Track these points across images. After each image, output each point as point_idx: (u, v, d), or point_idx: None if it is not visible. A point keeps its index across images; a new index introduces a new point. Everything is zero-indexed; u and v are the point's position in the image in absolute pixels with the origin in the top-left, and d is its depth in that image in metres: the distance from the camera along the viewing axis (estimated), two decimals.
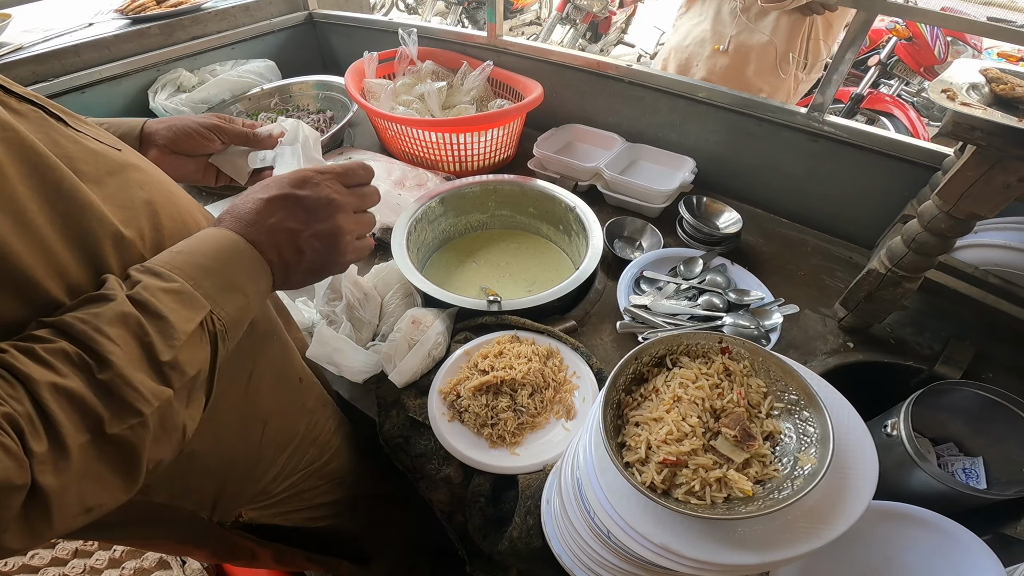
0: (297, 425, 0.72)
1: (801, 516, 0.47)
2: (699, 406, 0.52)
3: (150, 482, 0.44)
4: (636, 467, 0.51)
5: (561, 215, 1.09)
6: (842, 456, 0.51)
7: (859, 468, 0.51)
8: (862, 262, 1.05)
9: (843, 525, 0.47)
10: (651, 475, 0.49)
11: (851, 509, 0.48)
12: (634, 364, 0.56)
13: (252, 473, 0.66)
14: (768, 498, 0.47)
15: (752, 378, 0.56)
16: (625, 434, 0.53)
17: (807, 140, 1.06)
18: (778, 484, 0.48)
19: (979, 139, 0.61)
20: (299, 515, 0.79)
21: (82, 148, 0.43)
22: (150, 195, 0.47)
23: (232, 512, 0.67)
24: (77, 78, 1.24)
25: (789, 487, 0.47)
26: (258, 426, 0.64)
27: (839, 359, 0.87)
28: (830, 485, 0.50)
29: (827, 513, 0.48)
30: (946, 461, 0.80)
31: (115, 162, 0.45)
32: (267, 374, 0.63)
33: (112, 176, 0.44)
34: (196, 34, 1.44)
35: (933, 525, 0.61)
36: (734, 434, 0.50)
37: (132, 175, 0.47)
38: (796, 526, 0.47)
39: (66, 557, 1.00)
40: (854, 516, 0.47)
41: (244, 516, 0.68)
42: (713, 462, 0.49)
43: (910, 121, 2.51)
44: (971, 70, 0.69)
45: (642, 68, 1.23)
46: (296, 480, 0.74)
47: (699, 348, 0.57)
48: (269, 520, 0.73)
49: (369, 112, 1.23)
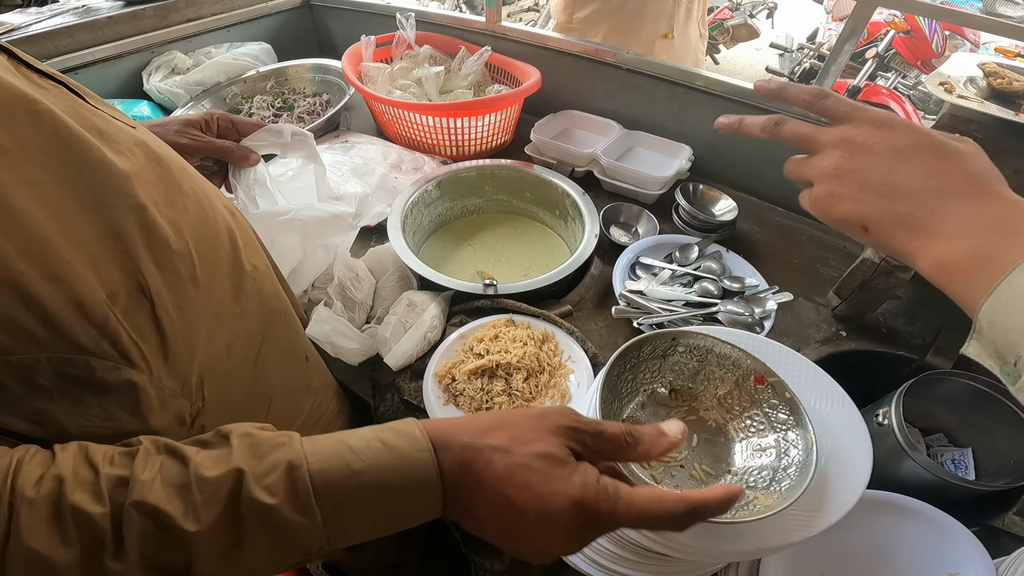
0: (302, 404, 0.73)
1: (794, 506, 0.48)
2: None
3: None
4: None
5: (558, 200, 1.09)
6: (836, 445, 0.52)
7: (853, 457, 0.52)
8: (856, 251, 1.06)
9: (836, 514, 0.48)
10: (651, 474, 0.50)
11: (844, 498, 0.49)
12: (634, 356, 0.56)
13: None
14: (763, 489, 0.48)
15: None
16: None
17: None
18: (773, 476, 0.49)
19: (975, 132, 0.61)
20: None
21: (105, 121, 0.43)
22: (165, 170, 0.47)
23: None
24: (70, 59, 1.22)
25: (787, 478, 0.48)
26: (263, 403, 0.65)
27: (832, 347, 0.88)
28: (823, 473, 0.50)
29: (820, 502, 0.49)
30: (936, 451, 0.81)
31: (133, 138, 0.46)
32: (275, 351, 0.64)
33: (131, 151, 0.44)
34: (191, 16, 1.42)
35: (922, 515, 0.61)
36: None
37: (150, 150, 0.47)
38: (790, 514, 0.48)
39: None
40: (847, 506, 0.48)
41: None
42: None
43: (906, 114, 2.52)
44: (969, 64, 0.70)
45: (640, 56, 1.23)
46: None
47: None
48: None
49: (366, 96, 1.23)
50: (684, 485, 0.52)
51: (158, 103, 1.36)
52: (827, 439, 0.52)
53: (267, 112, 1.39)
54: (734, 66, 4.75)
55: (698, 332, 0.56)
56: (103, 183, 0.39)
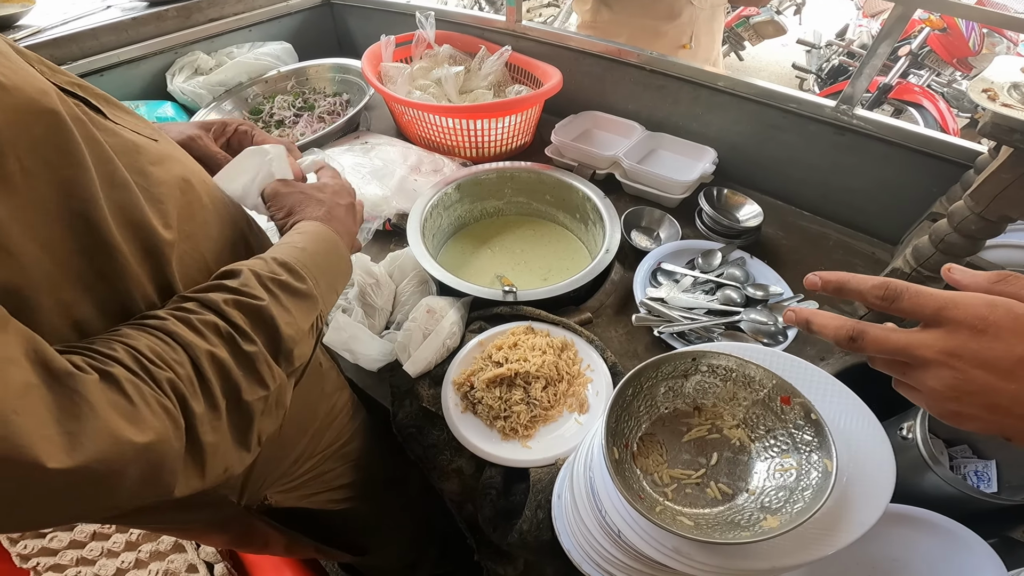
0: (317, 409, 0.74)
1: (812, 523, 0.46)
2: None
3: None
4: (651, 476, 0.50)
5: (578, 203, 1.07)
6: (859, 465, 0.50)
7: (875, 478, 0.50)
8: (885, 258, 1.03)
9: (855, 533, 0.46)
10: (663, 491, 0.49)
11: (863, 518, 0.47)
12: (651, 377, 0.54)
13: (275, 456, 0.68)
14: (775, 511, 0.47)
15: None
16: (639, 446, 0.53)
17: (834, 133, 1.03)
18: (789, 497, 0.48)
19: (1018, 141, 0.59)
20: (321, 497, 0.81)
21: (121, 140, 0.42)
22: (188, 184, 0.48)
23: (259, 495, 0.69)
24: (95, 61, 1.24)
25: (801, 500, 0.46)
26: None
27: (857, 357, 0.85)
28: (844, 493, 0.49)
29: (839, 520, 0.47)
30: (959, 463, 0.79)
31: (154, 153, 0.45)
32: None
33: (155, 166, 0.44)
34: (213, 16, 1.43)
35: (940, 528, 0.60)
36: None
37: (171, 166, 0.47)
38: (807, 533, 0.46)
39: (84, 540, 1.02)
40: (865, 526, 0.47)
41: (270, 499, 0.70)
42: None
43: (939, 112, 2.44)
44: (1013, 68, 0.67)
45: (663, 56, 1.20)
46: (315, 463, 0.76)
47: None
48: (294, 503, 0.75)
49: (386, 96, 1.22)
50: (699, 503, 0.51)
51: (181, 104, 1.37)
52: (850, 459, 0.51)
53: (288, 112, 1.40)
54: (760, 63, 4.66)
55: (720, 352, 0.54)
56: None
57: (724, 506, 0.50)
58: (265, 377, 0.41)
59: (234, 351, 0.39)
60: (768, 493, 0.50)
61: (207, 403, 0.37)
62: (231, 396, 0.39)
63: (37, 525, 0.32)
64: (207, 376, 0.37)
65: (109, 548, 0.99)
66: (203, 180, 0.51)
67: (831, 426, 0.49)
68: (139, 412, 0.33)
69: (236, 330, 0.40)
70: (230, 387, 0.39)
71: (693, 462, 0.54)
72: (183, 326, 0.38)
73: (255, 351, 0.40)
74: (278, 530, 0.76)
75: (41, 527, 0.33)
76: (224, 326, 0.40)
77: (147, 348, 0.36)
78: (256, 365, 0.41)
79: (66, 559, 0.99)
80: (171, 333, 0.37)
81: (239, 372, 0.39)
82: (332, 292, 0.51)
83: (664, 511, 0.49)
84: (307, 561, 1.01)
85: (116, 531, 1.02)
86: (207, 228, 0.48)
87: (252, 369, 0.40)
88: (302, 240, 0.52)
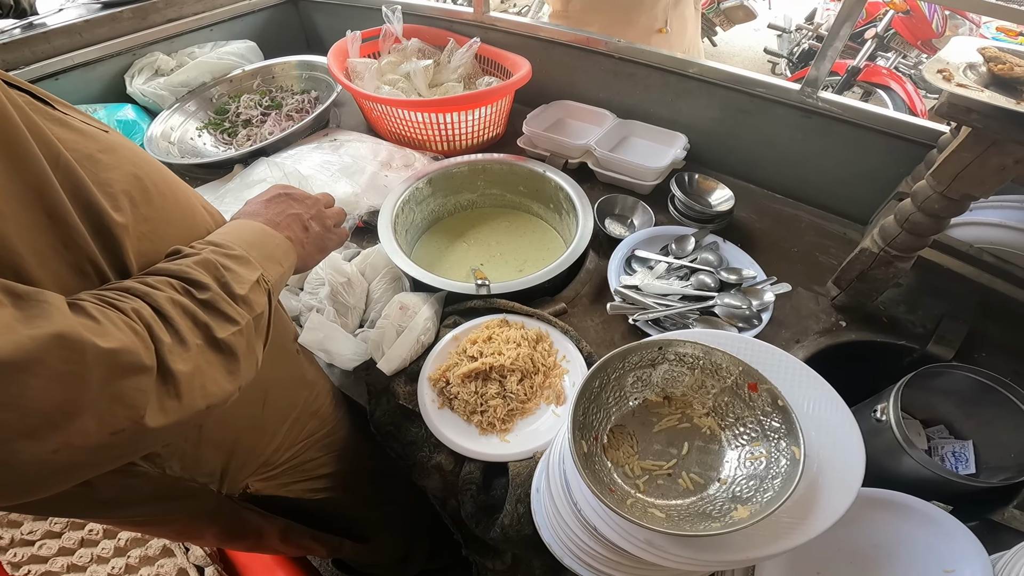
0: (296, 397, 0.74)
1: (784, 512, 0.46)
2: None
3: (163, 453, 0.55)
4: (623, 468, 0.50)
5: (551, 194, 1.07)
6: (829, 452, 0.51)
7: (845, 464, 0.50)
8: (856, 238, 1.04)
9: (827, 521, 0.47)
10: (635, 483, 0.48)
11: (836, 504, 0.48)
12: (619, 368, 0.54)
13: (256, 444, 0.68)
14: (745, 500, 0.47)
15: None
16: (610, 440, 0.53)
17: (800, 116, 1.04)
18: (759, 485, 0.48)
19: (975, 121, 0.59)
20: (300, 486, 0.80)
21: (68, 129, 0.43)
22: (141, 171, 0.48)
23: (239, 484, 0.69)
24: (49, 65, 1.20)
25: (771, 488, 0.46)
26: (259, 397, 0.66)
27: (831, 339, 0.86)
28: (816, 480, 0.49)
29: (811, 509, 0.48)
30: (936, 444, 0.80)
31: (104, 142, 0.46)
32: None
33: (105, 154, 0.45)
34: (171, 16, 1.39)
35: (920, 513, 0.61)
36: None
37: (123, 153, 0.47)
38: (781, 522, 0.47)
39: (73, 547, 1.00)
40: (839, 512, 0.47)
41: (251, 488, 0.70)
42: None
43: (907, 94, 2.48)
44: (969, 49, 0.67)
45: (632, 44, 1.20)
46: (297, 451, 0.76)
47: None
48: (274, 491, 0.75)
49: (354, 93, 1.20)
50: (671, 494, 0.51)
51: (143, 106, 1.34)
52: (819, 446, 0.51)
53: (255, 111, 1.37)
54: (733, 48, 4.68)
55: (686, 340, 0.54)
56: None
57: (696, 496, 0.50)
58: (231, 314, 0.44)
59: (192, 299, 0.42)
60: (739, 482, 0.50)
61: (173, 337, 0.39)
62: (205, 335, 0.42)
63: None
64: (170, 315, 0.40)
65: (99, 554, 0.99)
66: (159, 169, 0.52)
67: (799, 412, 0.49)
68: (104, 327, 0.35)
69: (188, 282, 0.43)
70: (197, 326, 0.42)
71: (664, 453, 0.54)
72: (139, 285, 0.41)
73: (211, 295, 0.44)
74: (269, 520, 0.76)
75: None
76: (177, 282, 0.43)
77: (110, 294, 0.39)
78: (217, 306, 0.44)
79: (57, 566, 0.99)
80: (128, 288, 0.40)
81: (204, 314, 0.42)
82: (271, 261, 0.54)
83: (635, 504, 0.49)
84: (299, 562, 1.00)
85: (104, 536, 1.01)
86: (165, 213, 0.49)
87: (215, 310, 0.43)
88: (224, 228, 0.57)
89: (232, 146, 1.30)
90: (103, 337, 0.34)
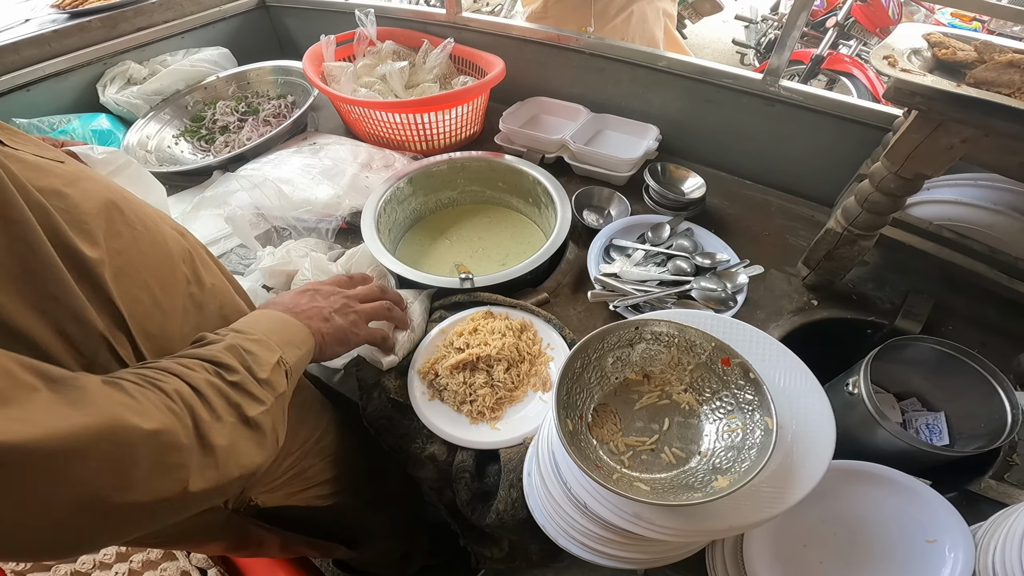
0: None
1: (764, 482, 0.49)
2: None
3: None
4: (608, 445, 0.52)
5: (530, 188, 1.09)
6: (802, 422, 0.53)
7: (818, 433, 0.53)
8: (823, 220, 1.08)
9: (805, 488, 0.49)
10: (620, 458, 0.51)
11: (811, 473, 0.50)
12: (598, 348, 0.56)
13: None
14: (725, 471, 0.50)
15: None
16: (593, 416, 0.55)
17: (764, 104, 1.08)
18: (737, 456, 0.51)
19: (920, 104, 0.62)
20: (307, 494, 0.82)
21: (27, 166, 0.41)
22: (110, 198, 0.47)
23: (244, 497, 0.70)
24: (19, 76, 1.19)
25: (747, 458, 0.49)
26: None
27: (804, 317, 0.90)
28: (791, 450, 0.52)
29: (789, 477, 0.50)
30: (911, 416, 0.82)
31: (65, 175, 0.44)
32: None
33: (70, 187, 0.43)
34: (141, 25, 1.39)
35: (901, 485, 0.62)
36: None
37: (87, 185, 0.46)
38: (761, 491, 0.49)
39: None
40: (815, 479, 0.50)
41: (256, 500, 0.72)
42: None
43: (869, 80, 2.56)
44: (914, 35, 0.71)
45: (601, 40, 1.23)
46: (295, 459, 0.77)
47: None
48: (280, 502, 0.77)
49: (331, 96, 1.21)
50: (655, 468, 0.53)
51: (117, 115, 1.33)
52: (792, 416, 0.54)
53: (232, 118, 1.37)
54: (703, 40, 4.76)
55: (660, 319, 0.57)
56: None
57: (678, 470, 0.53)
58: (258, 394, 0.48)
59: (224, 381, 0.46)
60: (718, 454, 0.53)
61: (211, 415, 0.42)
62: (238, 414, 0.45)
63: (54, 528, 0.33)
64: (207, 396, 0.43)
65: (101, 560, 0.99)
66: (124, 196, 0.51)
67: (772, 385, 0.52)
68: (143, 407, 0.37)
69: (219, 365, 0.46)
70: (231, 405, 0.45)
71: (647, 429, 0.57)
72: (177, 366, 0.44)
73: (240, 378, 0.47)
74: (271, 531, 0.77)
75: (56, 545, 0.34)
76: (210, 365, 0.46)
77: (151, 372, 0.41)
78: (246, 387, 0.47)
79: (60, 573, 0.98)
80: (168, 368, 0.43)
81: (235, 395, 0.46)
82: (290, 346, 0.57)
83: (621, 478, 0.51)
84: (300, 561, 1.02)
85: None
86: (136, 244, 0.48)
87: (244, 391, 0.47)
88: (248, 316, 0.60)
89: (210, 153, 1.30)
90: (143, 417, 0.36)
